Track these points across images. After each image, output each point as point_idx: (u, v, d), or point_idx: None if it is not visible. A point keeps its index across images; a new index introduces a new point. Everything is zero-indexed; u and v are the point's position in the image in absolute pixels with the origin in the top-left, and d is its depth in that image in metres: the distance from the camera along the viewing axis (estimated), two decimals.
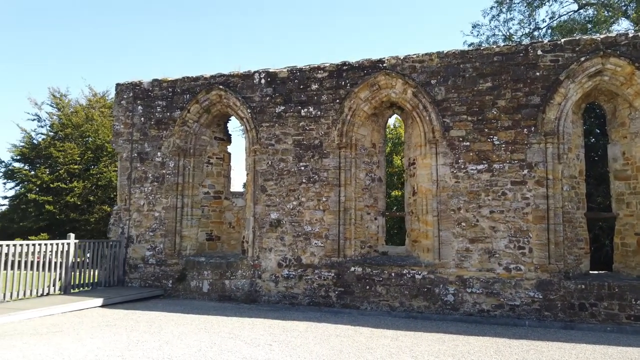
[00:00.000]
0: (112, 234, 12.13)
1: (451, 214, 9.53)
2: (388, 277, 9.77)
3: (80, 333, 7.32)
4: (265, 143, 11.04)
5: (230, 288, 10.88)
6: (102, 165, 25.20)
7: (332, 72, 10.69)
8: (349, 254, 10.18)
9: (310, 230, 10.45)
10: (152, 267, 11.68)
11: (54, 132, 26.14)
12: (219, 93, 11.59)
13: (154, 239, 11.77)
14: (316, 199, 10.50)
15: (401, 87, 10.12)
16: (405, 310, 9.54)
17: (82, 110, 26.36)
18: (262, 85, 11.23)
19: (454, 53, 9.88)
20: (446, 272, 9.43)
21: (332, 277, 10.15)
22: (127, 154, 12.24)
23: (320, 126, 10.66)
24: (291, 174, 10.76)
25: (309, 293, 10.25)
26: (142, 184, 12.03)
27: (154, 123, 12.10)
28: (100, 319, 8.50)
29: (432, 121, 9.82)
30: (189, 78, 11.98)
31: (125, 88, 12.51)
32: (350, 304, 9.93)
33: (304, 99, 10.85)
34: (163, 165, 11.93)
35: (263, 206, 10.89)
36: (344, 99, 10.49)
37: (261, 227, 10.83)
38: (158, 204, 11.85)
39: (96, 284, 11.29)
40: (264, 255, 10.72)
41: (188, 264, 11.35)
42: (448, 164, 9.66)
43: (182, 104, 11.88)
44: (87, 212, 24.13)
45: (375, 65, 10.36)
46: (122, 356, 6.06)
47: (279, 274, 10.54)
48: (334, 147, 10.49)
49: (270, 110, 11.09)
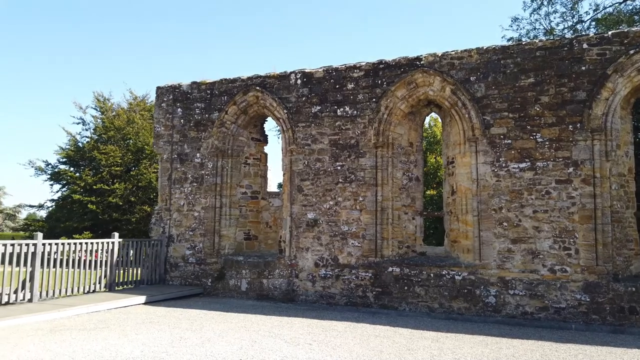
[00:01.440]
0: (153, 233, 12.46)
1: (492, 214, 9.30)
2: (427, 278, 9.63)
3: (125, 329, 7.55)
4: (302, 143, 11.09)
5: (268, 287, 10.99)
6: (142, 167, 25.92)
7: (368, 71, 10.63)
8: (386, 254, 10.09)
9: (347, 230, 10.43)
10: (192, 266, 11.92)
11: (97, 135, 27.10)
12: (256, 94, 11.72)
13: (193, 238, 12.02)
14: (353, 199, 10.46)
15: (439, 85, 9.96)
16: (444, 312, 9.38)
17: (123, 114, 27.22)
18: (298, 86, 11.29)
19: (494, 49, 9.64)
20: (487, 273, 9.22)
21: (370, 278, 10.09)
22: (167, 155, 12.55)
23: (357, 125, 10.62)
24: (327, 173, 10.77)
25: (347, 293, 10.23)
26: (182, 185, 12.30)
27: (193, 125, 12.36)
28: (144, 316, 8.74)
29: (471, 119, 9.62)
30: (227, 80, 12.17)
31: (165, 91, 12.83)
32: (388, 305, 9.85)
33: (339, 98, 10.83)
34: (202, 166, 12.17)
35: (300, 206, 10.94)
36: (381, 97, 10.41)
37: (298, 227, 10.89)
38: (197, 204, 12.09)
39: (139, 282, 11.62)
40: (301, 254, 10.76)
41: (227, 263, 11.53)
42: (489, 163, 9.43)
43: (220, 106, 12.08)
44: (128, 212, 24.86)
45: (412, 63, 10.23)
46: (167, 352, 6.20)
47: (316, 274, 10.56)
48: (371, 147, 10.43)
49: (307, 111, 11.13)
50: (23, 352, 6.10)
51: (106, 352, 6.17)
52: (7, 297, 8.90)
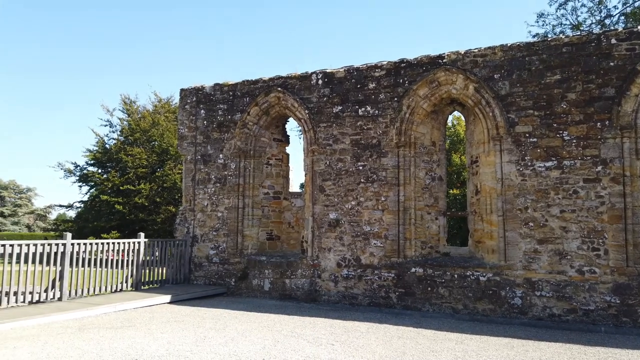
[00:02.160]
0: (178, 234, 12.65)
1: (517, 214, 9.13)
2: (450, 279, 9.52)
3: (151, 328, 7.69)
4: (323, 143, 11.09)
5: (290, 287, 11.03)
6: (167, 168, 26.35)
7: (390, 70, 10.56)
8: (409, 255, 10.01)
9: (369, 230, 10.39)
10: (216, 266, 12.06)
11: (123, 137, 27.68)
12: (278, 95, 11.79)
13: (217, 238, 12.16)
14: (375, 199, 10.42)
15: (462, 83, 9.83)
16: (469, 313, 9.25)
17: (148, 116, 27.73)
18: (320, 86, 11.29)
19: (519, 45, 9.46)
20: (513, 274, 9.05)
21: (392, 278, 10.03)
22: (191, 156, 12.73)
23: (378, 125, 10.57)
24: (349, 173, 10.75)
25: (369, 294, 10.19)
26: (206, 185, 12.45)
27: (216, 126, 12.50)
28: (169, 315, 8.88)
29: (495, 117, 9.46)
30: (249, 81, 12.26)
31: (189, 93, 13.01)
32: (411, 306, 9.77)
33: (361, 98, 10.80)
34: (225, 166, 12.30)
35: (321, 206, 10.95)
36: (402, 97, 10.34)
37: (320, 227, 10.90)
38: (220, 205, 12.22)
39: (164, 281, 11.81)
40: (323, 255, 10.77)
41: (250, 262, 11.63)
42: (514, 162, 9.26)
43: (242, 107, 12.19)
44: (153, 213, 25.31)
45: (434, 62, 10.13)
46: (191, 351, 6.29)
47: (339, 274, 10.55)
48: (393, 146, 10.36)
49: (328, 111, 11.13)
50: (53, 349, 6.27)
51: (132, 350, 6.30)
52: (37, 295, 9.16)
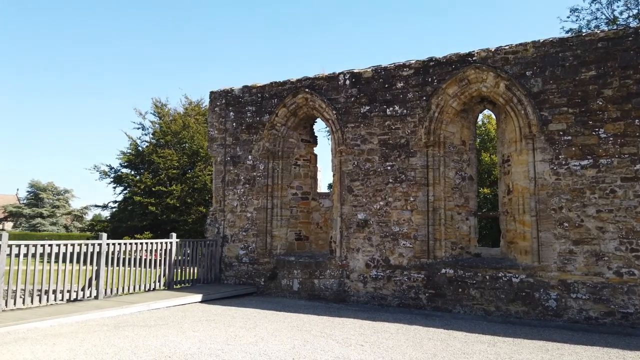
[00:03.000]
0: (208, 234, 12.86)
1: (551, 214, 8.90)
2: (482, 280, 9.35)
3: (183, 326, 7.84)
4: (351, 143, 11.08)
5: (319, 287, 11.06)
6: (197, 169, 26.84)
7: (418, 69, 10.46)
8: (439, 256, 9.89)
9: (398, 230, 10.31)
10: (246, 266, 12.21)
11: (155, 140, 28.35)
12: (305, 96, 11.84)
13: (246, 238, 12.30)
14: (403, 199, 10.34)
15: (493, 81, 9.65)
16: (501, 315, 9.08)
17: (179, 118, 28.32)
18: (347, 86, 11.29)
19: (552, 41, 9.22)
20: (547, 276, 8.83)
21: (422, 279, 9.93)
22: (221, 157, 12.92)
23: (407, 125, 10.48)
24: (377, 173, 10.70)
25: (398, 294, 10.12)
26: (235, 186, 12.62)
27: (245, 127, 12.65)
28: (201, 314, 9.04)
29: (528, 115, 9.25)
30: (277, 83, 12.36)
31: (218, 95, 13.21)
32: (441, 307, 9.65)
33: (389, 98, 10.73)
34: (254, 167, 12.43)
35: (350, 206, 10.93)
36: (431, 95, 10.22)
37: (348, 228, 10.89)
38: (250, 205, 12.36)
39: (195, 281, 12.02)
40: (352, 255, 10.75)
41: (279, 263, 11.71)
42: (547, 160, 9.04)
43: (271, 108, 12.30)
44: (185, 213, 25.82)
45: (463, 60, 9.98)
46: (222, 350, 6.39)
47: (367, 275, 10.51)
48: (421, 146, 10.26)
49: (355, 111, 11.11)
50: (90, 346, 6.47)
51: (165, 348, 6.44)
52: (75, 294, 9.47)
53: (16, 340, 6.69)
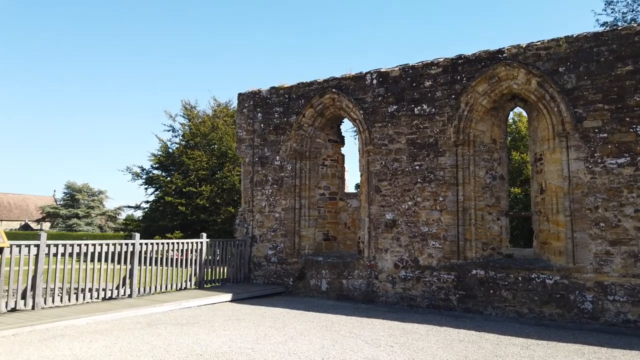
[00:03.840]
0: (237, 234, 13.02)
1: (587, 214, 8.64)
2: (514, 282, 9.16)
3: (214, 325, 7.97)
4: (379, 143, 11.02)
5: (347, 287, 11.05)
6: (226, 170, 27.20)
7: (447, 67, 10.33)
8: (469, 256, 9.74)
9: (427, 231, 10.20)
10: (274, 266, 12.30)
11: (185, 141, 28.87)
12: (332, 96, 11.84)
13: (275, 238, 12.40)
14: (432, 199, 10.22)
15: (524, 78, 9.44)
16: (535, 317, 8.87)
17: (208, 120, 28.77)
18: (374, 86, 11.24)
19: (586, 36, 8.96)
20: (582, 277, 8.57)
21: (452, 280, 9.79)
22: (249, 158, 13.06)
23: (435, 124, 10.36)
24: (405, 173, 10.61)
25: (428, 295, 10.01)
26: (263, 187, 12.73)
27: (273, 128, 12.75)
28: (231, 312, 9.16)
29: (561, 112, 9.01)
30: (304, 84, 12.41)
31: (246, 97, 13.35)
32: (472, 309, 9.50)
33: (417, 96, 10.63)
34: (281, 168, 12.52)
35: (378, 207, 10.88)
36: (460, 94, 10.07)
37: (376, 228, 10.83)
38: (278, 205, 12.45)
39: (225, 280, 12.19)
40: (380, 255, 10.70)
41: (307, 263, 11.76)
42: (582, 159, 8.78)
43: (298, 109, 12.35)
44: (214, 214, 26.21)
45: (493, 57, 9.79)
46: (252, 349, 6.46)
47: (396, 275, 10.44)
48: (450, 145, 10.12)
49: (383, 110, 11.05)
50: (125, 344, 6.65)
51: (197, 346, 6.55)
52: (110, 292, 9.74)
53: (55, 337, 6.93)
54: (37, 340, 6.75)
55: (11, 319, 7.56)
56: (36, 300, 8.41)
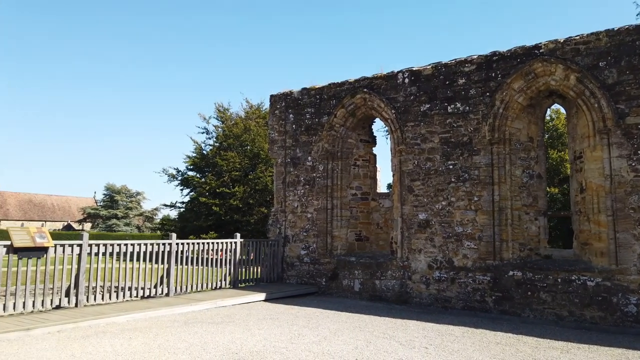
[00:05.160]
0: (270, 234, 13.15)
1: (630, 213, 8.31)
2: (553, 283, 8.90)
3: (249, 324, 8.08)
4: (411, 143, 10.92)
5: (380, 288, 10.99)
6: (258, 171, 27.52)
7: (481, 64, 10.13)
8: (505, 257, 9.52)
9: (461, 231, 10.04)
10: (307, 266, 12.36)
11: (218, 143, 29.39)
12: (363, 96, 11.81)
13: (307, 238, 12.46)
14: (467, 199, 10.04)
15: (562, 73, 9.16)
16: (575, 320, 8.59)
17: (241, 122, 29.18)
18: (406, 85, 11.14)
19: (628, 29, 8.61)
20: (626, 279, 8.25)
21: (488, 281, 9.60)
22: (281, 159, 13.17)
23: (469, 122, 10.18)
24: (439, 173, 10.47)
25: (463, 297, 9.84)
26: (295, 187, 12.82)
27: (304, 129, 12.81)
28: (265, 312, 9.27)
29: (602, 108, 8.69)
30: (335, 84, 12.43)
31: (278, 98, 13.47)
32: (509, 311, 9.28)
33: (450, 95, 10.47)
34: (313, 168, 12.56)
35: (410, 207, 10.78)
36: (495, 91, 9.86)
37: (409, 228, 10.73)
38: (310, 206, 12.50)
39: (259, 280, 12.33)
40: (414, 256, 10.59)
41: (339, 263, 11.76)
42: (624, 156, 8.45)
43: (329, 110, 12.37)
44: (247, 214, 26.56)
45: (529, 52, 9.54)
46: (287, 348, 6.52)
47: (430, 276, 10.31)
48: (485, 143, 9.93)
49: (415, 109, 10.94)
50: (163, 341, 6.82)
51: (233, 344, 6.66)
52: (148, 291, 10.02)
53: (96, 334, 7.19)
54: (80, 336, 7.01)
55: (56, 315, 7.88)
56: (79, 298, 8.74)
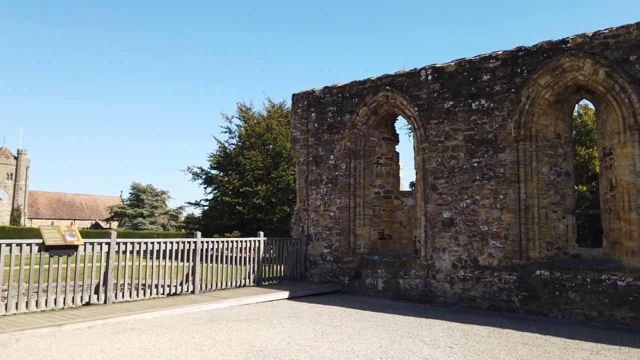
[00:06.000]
0: (293, 232, 13.21)
1: None
2: (582, 283, 8.69)
3: (273, 322, 8.14)
4: (434, 140, 10.81)
5: (404, 287, 10.92)
6: (280, 170, 27.68)
7: (506, 59, 9.95)
8: (532, 256, 9.35)
9: (486, 230, 9.89)
10: (330, 264, 12.37)
11: (241, 142, 29.66)
12: (386, 94, 11.74)
13: (330, 237, 12.47)
14: (492, 197, 9.89)
15: (590, 68, 8.93)
16: (605, 321, 8.38)
17: (263, 121, 29.39)
18: (429, 82, 11.03)
19: None
20: None
21: (514, 281, 9.44)
22: (303, 158, 13.20)
23: (494, 119, 10.02)
24: (463, 171, 10.34)
25: (489, 296, 9.70)
26: (318, 186, 12.84)
27: (326, 128, 12.82)
28: (288, 310, 9.32)
29: (632, 103, 8.45)
30: (357, 82, 12.39)
31: (300, 97, 13.51)
32: (536, 311, 9.11)
33: (474, 91, 10.33)
34: (335, 167, 12.56)
35: (434, 205, 10.67)
36: (521, 87, 9.68)
37: (433, 227, 10.63)
38: (332, 204, 12.51)
39: (282, 278, 12.40)
40: (438, 255, 10.49)
41: (362, 261, 11.73)
42: None
43: (351, 108, 12.35)
44: (270, 212, 26.74)
45: (556, 47, 9.33)
46: (311, 346, 6.55)
47: (454, 275, 10.20)
48: (511, 140, 9.75)
49: (438, 107, 10.82)
50: (189, 338, 6.93)
51: (257, 342, 6.72)
52: (174, 288, 10.19)
53: (125, 330, 7.35)
54: (109, 332, 7.18)
55: (86, 312, 8.09)
56: (108, 295, 8.95)
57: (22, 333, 6.77)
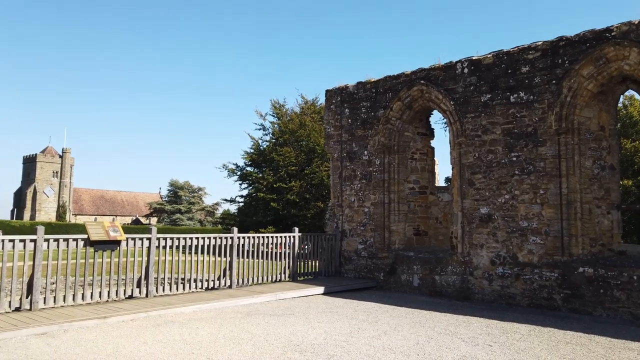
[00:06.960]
0: (328, 228, 13.25)
1: None
2: (628, 281, 8.36)
3: (309, 317, 8.20)
4: (471, 134, 10.60)
5: (440, 284, 10.78)
6: (314, 166, 27.77)
7: (546, 50, 9.64)
8: (575, 253, 9.05)
9: (526, 225, 9.64)
10: (364, 260, 12.35)
11: (275, 139, 29.93)
12: (420, 88, 11.58)
13: (364, 233, 12.44)
14: (532, 192, 9.62)
15: (637, 57, 8.54)
16: None
17: (296, 118, 29.55)
18: (465, 75, 10.81)
19: None
20: None
21: (556, 278, 9.17)
22: (337, 154, 13.21)
23: (534, 112, 9.73)
24: (501, 165, 10.10)
25: (528, 294, 9.46)
26: (352, 182, 12.82)
27: (360, 123, 12.77)
28: (324, 305, 9.37)
29: None
30: (391, 77, 12.28)
31: (334, 93, 13.50)
32: (579, 309, 8.82)
33: (512, 84, 10.05)
34: (369, 163, 12.50)
35: (471, 200, 10.48)
36: (562, 78, 9.36)
37: (470, 223, 10.44)
38: (367, 200, 12.46)
39: (317, 273, 12.47)
40: (475, 251, 10.30)
41: (397, 258, 11.66)
42: None
43: (385, 103, 12.25)
44: (304, 208, 26.90)
45: (600, 36, 8.97)
46: (347, 342, 6.56)
47: (493, 272, 9.99)
48: (552, 134, 9.45)
49: (475, 100, 10.60)
50: (227, 331, 7.08)
51: (294, 337, 6.80)
52: (212, 282, 10.41)
53: (166, 323, 7.57)
54: (151, 325, 7.41)
55: (129, 305, 8.37)
56: (149, 289, 9.23)
57: (70, 324, 7.08)
